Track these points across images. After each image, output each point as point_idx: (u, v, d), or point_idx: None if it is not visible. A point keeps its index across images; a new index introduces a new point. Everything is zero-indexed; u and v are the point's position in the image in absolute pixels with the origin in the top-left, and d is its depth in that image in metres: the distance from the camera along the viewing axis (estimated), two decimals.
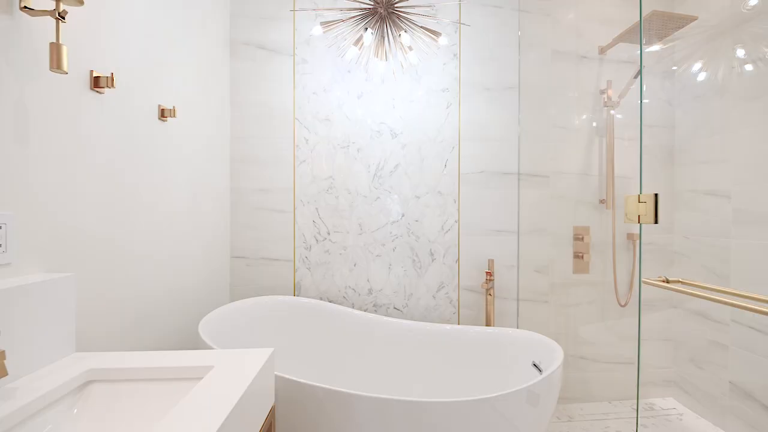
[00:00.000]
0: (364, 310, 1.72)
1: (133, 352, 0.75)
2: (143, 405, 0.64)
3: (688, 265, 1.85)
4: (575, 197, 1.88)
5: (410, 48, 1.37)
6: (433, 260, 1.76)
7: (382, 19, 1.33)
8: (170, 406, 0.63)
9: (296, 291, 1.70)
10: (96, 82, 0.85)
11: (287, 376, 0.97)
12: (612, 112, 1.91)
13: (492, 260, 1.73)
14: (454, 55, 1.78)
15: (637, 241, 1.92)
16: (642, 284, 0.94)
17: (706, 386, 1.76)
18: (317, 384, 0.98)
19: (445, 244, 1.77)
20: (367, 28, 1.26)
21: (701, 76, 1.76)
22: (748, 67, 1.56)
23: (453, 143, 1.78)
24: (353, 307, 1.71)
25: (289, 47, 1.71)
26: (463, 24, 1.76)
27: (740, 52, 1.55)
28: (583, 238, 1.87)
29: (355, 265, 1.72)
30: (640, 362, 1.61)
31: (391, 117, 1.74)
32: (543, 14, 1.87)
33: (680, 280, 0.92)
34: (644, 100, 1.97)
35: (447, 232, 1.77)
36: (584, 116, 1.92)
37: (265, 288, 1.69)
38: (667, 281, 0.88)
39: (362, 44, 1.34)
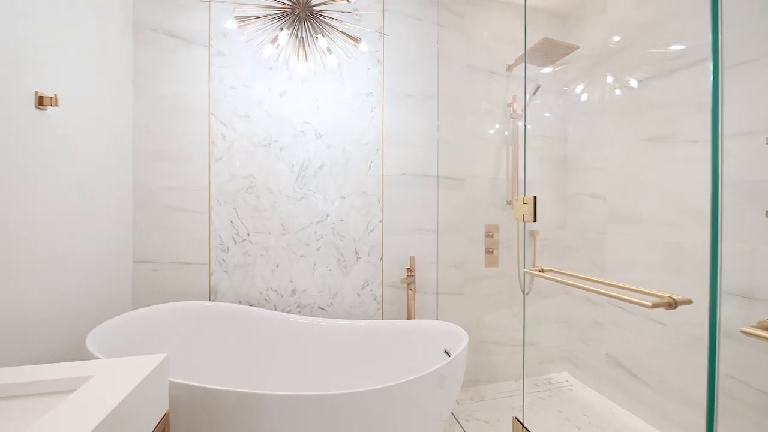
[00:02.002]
0: (288, 312, 1.69)
1: None
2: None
3: (577, 256, 2.16)
4: (486, 199, 2.08)
5: (329, 51, 1.39)
6: (358, 259, 1.80)
7: (301, 21, 1.33)
8: (31, 423, 0.57)
9: (212, 296, 1.61)
10: None
11: (190, 383, 0.92)
12: (519, 123, 2.16)
13: (413, 257, 1.83)
14: (378, 61, 1.85)
15: (538, 238, 2.19)
16: (525, 274, 1.09)
17: (589, 359, 2.07)
18: (225, 388, 0.95)
19: (370, 243, 1.82)
20: (282, 28, 1.25)
21: (584, 97, 2.08)
22: (618, 91, 1.88)
23: (377, 146, 1.84)
24: (276, 309, 1.68)
25: (203, 38, 1.62)
26: (385, 34, 1.83)
27: (610, 79, 1.87)
28: (493, 236, 2.07)
29: (277, 266, 1.68)
30: (525, 342, 1.82)
31: (315, 117, 1.74)
32: (459, 30, 2.04)
33: (552, 269, 1.09)
34: (546, 114, 2.25)
35: (371, 231, 1.83)
36: (494, 126, 2.13)
37: (175, 294, 1.57)
38: (542, 271, 1.04)
39: (279, 44, 1.32)
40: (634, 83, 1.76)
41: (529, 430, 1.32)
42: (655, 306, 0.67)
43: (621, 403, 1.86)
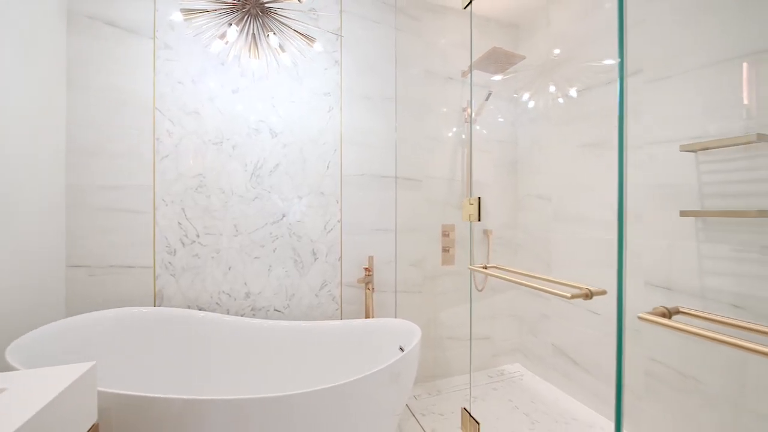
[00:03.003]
0: (242, 315, 1.64)
1: None
2: None
3: (527, 253, 2.29)
4: (443, 199, 2.15)
5: (282, 49, 1.37)
6: (315, 260, 1.79)
7: (252, 17, 1.30)
8: None
9: (157, 301, 1.53)
10: None
11: (125, 392, 0.87)
12: (477, 127, 2.26)
13: (372, 257, 1.85)
14: (336, 61, 1.85)
15: (492, 236, 2.30)
16: (472, 271, 1.15)
17: (537, 350, 2.21)
18: (168, 396, 0.91)
19: (328, 243, 1.82)
20: (231, 24, 1.22)
21: (531, 104, 2.21)
22: (560, 100, 2.03)
23: (335, 146, 1.84)
24: (229, 313, 1.62)
25: (148, 29, 1.53)
26: (341, 35, 1.84)
27: (552, 88, 2.01)
28: (449, 235, 2.15)
29: (230, 268, 1.63)
30: (471, 336, 1.90)
31: (270, 116, 1.71)
32: (416, 35, 2.09)
33: (496, 266, 1.16)
34: (500, 119, 2.37)
35: (329, 231, 1.82)
36: (450, 129, 2.21)
37: (116, 300, 1.47)
38: (486, 267, 1.10)
39: (228, 40, 1.28)
40: (573, 93, 1.91)
41: (476, 419, 1.39)
42: (573, 297, 0.74)
43: (564, 389, 2.00)
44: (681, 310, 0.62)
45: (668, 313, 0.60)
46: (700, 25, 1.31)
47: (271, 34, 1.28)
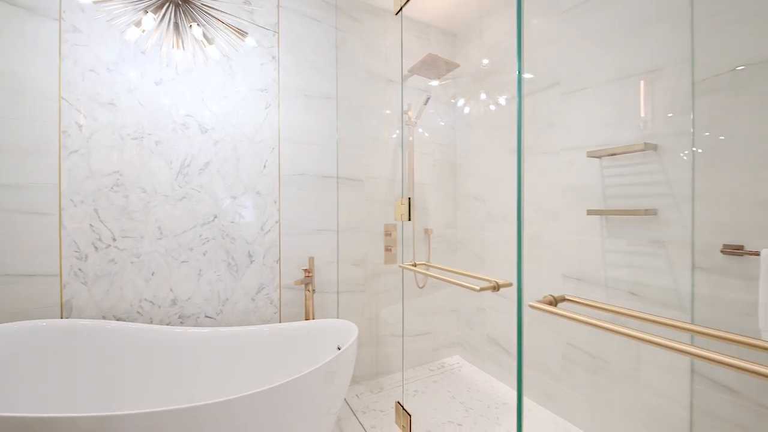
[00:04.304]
0: (167, 324, 1.53)
1: None
2: None
3: (465, 251, 2.42)
4: (385, 199, 2.19)
5: (208, 41, 1.30)
6: (252, 262, 1.72)
7: (174, 6, 1.22)
8: None
9: (65, 313, 1.37)
10: None
11: (22, 415, 0.78)
12: (420, 129, 2.33)
13: (312, 258, 1.83)
14: (273, 57, 1.80)
15: (432, 235, 2.38)
16: (402, 268, 1.19)
17: (474, 341, 2.34)
18: (71, 415, 0.82)
19: (265, 244, 1.76)
20: (147, 11, 1.13)
21: (466, 110, 2.34)
22: (492, 107, 2.17)
23: (273, 144, 1.79)
24: (152, 322, 1.50)
25: (52, 9, 1.36)
26: (274, 32, 1.79)
27: (484, 96, 2.14)
28: (391, 234, 2.19)
29: (153, 274, 1.51)
30: (404, 333, 1.96)
31: (200, 110, 1.61)
32: (358, 37, 2.10)
33: (425, 263, 1.21)
34: (441, 123, 2.47)
35: (267, 232, 1.77)
36: (392, 131, 2.26)
37: (14, 313, 1.29)
38: (415, 265, 1.15)
39: (144, 28, 1.19)
40: (502, 101, 2.05)
41: (408, 411, 1.44)
42: (482, 289, 0.80)
43: (498, 377, 2.15)
44: (567, 298, 0.70)
45: (554, 301, 0.68)
46: (607, 44, 1.48)
47: (194, 24, 1.21)
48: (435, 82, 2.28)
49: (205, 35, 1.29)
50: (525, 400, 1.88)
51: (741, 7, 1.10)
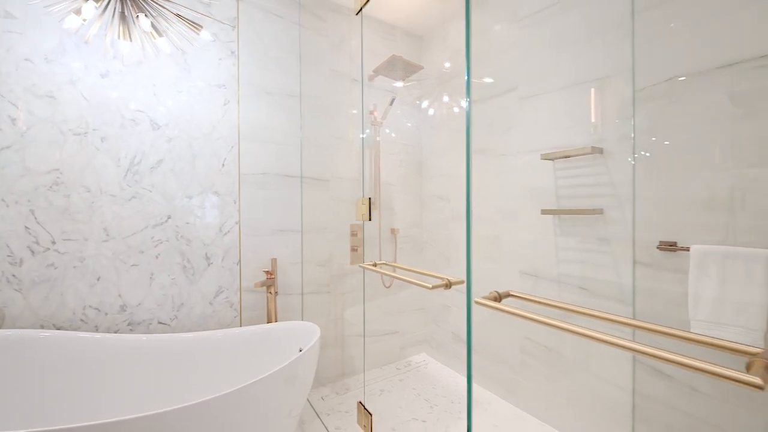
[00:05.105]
0: (116, 332, 1.44)
1: None
2: None
3: (431, 250, 2.46)
4: (351, 199, 2.18)
5: (158, 33, 1.24)
6: (209, 264, 1.66)
7: None
8: None
9: None
10: None
11: None
12: (387, 130, 2.33)
13: (275, 259, 1.79)
14: (232, 52, 1.74)
15: (398, 235, 2.40)
16: (362, 267, 1.19)
17: (440, 339, 2.39)
18: None
19: (224, 246, 1.70)
20: None
21: (431, 112, 2.38)
22: (455, 109, 2.22)
23: (232, 142, 1.73)
24: (97, 330, 1.41)
25: None
26: (231, 26, 1.74)
27: (446, 98, 2.19)
28: (357, 234, 2.18)
29: (99, 279, 1.41)
30: (365, 333, 1.96)
31: (151, 105, 1.53)
32: (322, 35, 2.08)
33: (384, 263, 1.22)
34: (408, 124, 2.49)
35: (226, 233, 1.71)
36: (357, 130, 2.25)
37: None
38: (375, 264, 1.15)
39: (84, 17, 1.11)
40: (464, 104, 2.10)
41: (369, 410, 1.44)
42: (435, 287, 0.82)
43: (462, 373, 2.20)
44: (511, 294, 0.73)
45: (499, 297, 0.71)
46: (561, 52, 1.56)
47: (141, 15, 1.15)
48: (400, 83, 2.31)
49: (154, 27, 1.22)
50: (487, 394, 1.95)
51: (676, 21, 1.19)
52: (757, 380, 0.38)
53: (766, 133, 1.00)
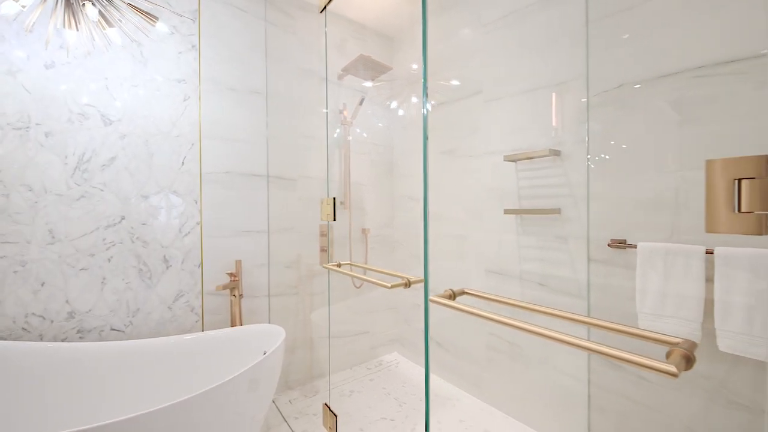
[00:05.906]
0: (63, 340, 1.35)
1: None
2: None
3: (403, 250, 2.47)
4: (320, 199, 2.15)
5: (107, 23, 1.17)
6: (168, 267, 1.59)
7: None
8: None
9: None
10: None
11: None
12: (357, 130, 2.32)
13: (239, 261, 1.74)
14: (193, 46, 1.67)
15: (369, 234, 2.40)
16: (326, 268, 1.18)
17: (412, 338, 2.41)
18: None
19: (184, 248, 1.63)
20: None
21: (400, 112, 2.39)
22: (428, 107, 2.24)
23: (192, 140, 1.66)
24: (42, 339, 1.31)
25: None
26: (190, 19, 1.67)
27: (414, 99, 2.21)
28: (326, 234, 2.16)
29: (43, 284, 1.32)
30: (330, 334, 1.95)
31: (103, 100, 1.44)
32: (290, 32, 2.04)
33: (349, 263, 1.21)
34: (379, 124, 2.49)
35: (186, 235, 1.64)
36: (327, 130, 2.23)
37: None
38: (339, 265, 1.15)
39: (23, 3, 1.03)
40: (429, 106, 2.13)
41: (334, 412, 1.43)
42: (394, 286, 0.83)
43: (433, 370, 2.23)
44: (466, 291, 0.75)
45: (453, 295, 0.72)
46: (522, 57, 1.61)
47: (88, 3, 1.08)
48: (369, 83, 2.30)
49: (103, 16, 1.15)
50: (455, 390, 1.98)
51: (626, 31, 1.26)
52: (672, 368, 0.41)
53: (705, 138, 1.08)
